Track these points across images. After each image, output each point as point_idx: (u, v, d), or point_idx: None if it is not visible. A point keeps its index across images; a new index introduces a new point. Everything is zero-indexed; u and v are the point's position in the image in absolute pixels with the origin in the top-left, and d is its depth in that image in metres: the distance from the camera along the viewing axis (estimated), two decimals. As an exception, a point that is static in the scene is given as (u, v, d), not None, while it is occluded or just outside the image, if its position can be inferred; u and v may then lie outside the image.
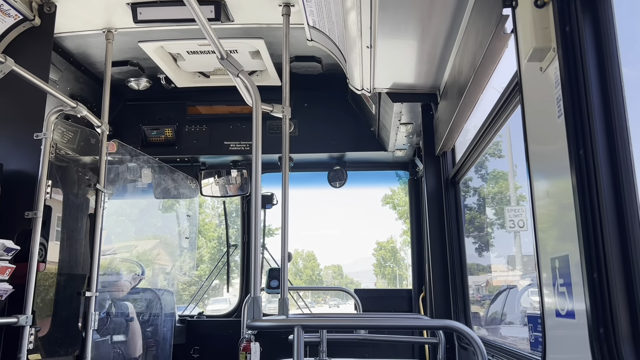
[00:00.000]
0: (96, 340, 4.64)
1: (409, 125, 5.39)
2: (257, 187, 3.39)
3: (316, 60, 5.47)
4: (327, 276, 47.38)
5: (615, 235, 1.75)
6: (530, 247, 3.47)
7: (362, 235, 67.97)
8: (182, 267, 7.14)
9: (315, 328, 4.51)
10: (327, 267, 48.49)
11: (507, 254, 7.10)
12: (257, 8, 4.39)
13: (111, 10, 4.45)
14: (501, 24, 2.68)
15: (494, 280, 6.94)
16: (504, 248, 7.02)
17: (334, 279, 46.99)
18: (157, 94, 6.15)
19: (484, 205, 7.15)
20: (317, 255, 46.80)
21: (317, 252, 47.54)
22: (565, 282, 1.96)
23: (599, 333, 1.73)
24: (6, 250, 3.51)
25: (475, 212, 6.99)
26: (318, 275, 45.61)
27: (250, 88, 3.52)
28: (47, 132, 3.95)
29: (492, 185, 7.36)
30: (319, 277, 45.67)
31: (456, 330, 2.78)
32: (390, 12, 3.40)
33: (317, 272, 45.78)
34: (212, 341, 6.45)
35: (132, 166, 5.69)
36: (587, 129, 1.84)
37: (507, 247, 6.93)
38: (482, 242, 6.98)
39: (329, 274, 47.47)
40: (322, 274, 46.59)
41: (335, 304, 38.21)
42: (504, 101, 3.16)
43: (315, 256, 45.60)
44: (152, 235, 7.13)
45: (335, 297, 38.97)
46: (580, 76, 1.87)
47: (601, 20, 1.87)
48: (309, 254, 44.59)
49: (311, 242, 58.38)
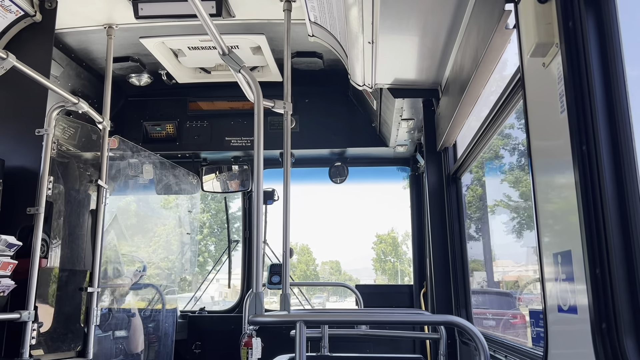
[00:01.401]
0: (98, 336, 4.65)
1: (411, 121, 5.39)
2: (259, 183, 3.39)
3: (317, 56, 5.47)
4: (325, 272, 44.93)
5: (618, 231, 1.75)
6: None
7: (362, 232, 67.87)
8: (183, 264, 7.15)
9: (317, 323, 4.52)
10: (325, 263, 46.56)
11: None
12: (258, 4, 4.38)
13: (112, 6, 4.45)
14: (503, 19, 2.67)
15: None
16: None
17: (332, 275, 44.89)
18: (158, 89, 6.15)
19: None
20: (313, 249, 44.30)
21: (314, 247, 45.64)
22: (567, 278, 1.97)
23: (601, 328, 1.73)
24: (8, 246, 3.52)
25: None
26: (314, 270, 43.23)
27: (252, 84, 3.52)
28: (48, 128, 3.95)
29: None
30: (315, 272, 43.34)
31: (457, 326, 2.79)
32: (392, 7, 3.40)
33: (313, 268, 43.40)
34: (214, 336, 6.46)
35: (134, 162, 5.69)
36: (589, 125, 1.83)
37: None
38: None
39: (327, 270, 45.86)
40: (318, 269, 44.39)
41: (333, 302, 36.64)
42: (506, 97, 3.15)
43: (310, 250, 42.58)
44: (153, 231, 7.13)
45: (334, 295, 38.22)
46: (583, 72, 1.87)
47: (604, 16, 1.86)
48: (304, 248, 42.16)
49: (308, 237, 57.85)
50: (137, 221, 6.74)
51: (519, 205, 6.05)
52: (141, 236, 6.79)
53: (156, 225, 7.10)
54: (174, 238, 7.15)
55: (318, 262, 44.46)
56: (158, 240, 7.10)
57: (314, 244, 49.32)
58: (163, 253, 7.23)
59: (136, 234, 6.69)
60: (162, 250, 7.22)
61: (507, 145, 5.54)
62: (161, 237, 7.10)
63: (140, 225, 6.79)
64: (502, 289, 6.66)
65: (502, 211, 6.33)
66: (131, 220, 6.60)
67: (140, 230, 6.79)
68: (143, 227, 6.85)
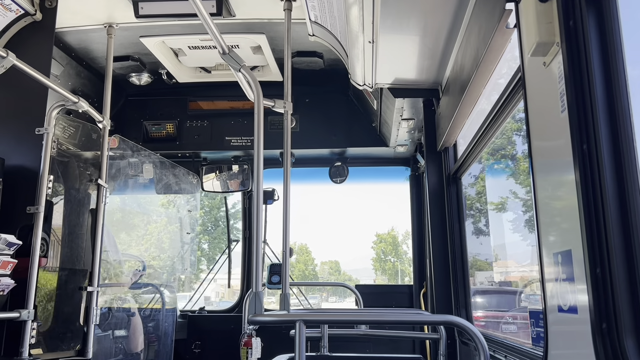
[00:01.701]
0: (98, 335, 4.65)
1: (411, 120, 5.39)
2: (259, 183, 3.38)
3: (318, 55, 5.46)
4: (324, 272, 43.61)
5: (619, 231, 1.75)
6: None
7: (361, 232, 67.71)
8: (183, 263, 7.15)
9: (317, 323, 4.52)
10: (324, 263, 44.33)
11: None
12: (258, 3, 4.38)
13: (112, 5, 4.45)
14: (504, 18, 2.67)
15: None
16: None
17: (331, 275, 43.31)
18: (159, 89, 6.15)
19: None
20: (312, 249, 42.57)
21: (313, 247, 44.71)
22: (567, 277, 1.96)
23: (601, 328, 1.73)
24: (8, 245, 3.51)
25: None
26: (312, 270, 42.17)
27: (252, 83, 3.52)
28: (48, 127, 3.95)
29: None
30: (314, 272, 42.21)
31: (457, 326, 2.78)
32: (392, 7, 3.39)
33: (312, 267, 42.29)
34: (214, 336, 6.46)
35: (134, 161, 5.69)
36: (590, 124, 1.83)
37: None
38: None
39: (326, 270, 43.79)
40: (317, 269, 43.03)
41: (332, 302, 35.04)
42: (507, 96, 3.15)
43: (309, 250, 41.47)
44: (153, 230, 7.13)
45: (333, 295, 37.22)
46: (584, 71, 1.86)
47: (605, 15, 1.86)
48: (302, 247, 40.69)
49: (307, 237, 57.21)
50: (137, 220, 6.74)
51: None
52: (140, 235, 6.78)
53: (156, 224, 7.10)
54: (174, 237, 7.15)
55: (317, 262, 43.57)
56: (155, 240, 7.09)
57: (313, 243, 48.52)
58: (162, 252, 7.23)
59: (135, 233, 6.69)
60: (158, 250, 7.22)
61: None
62: (158, 236, 7.09)
63: (138, 225, 6.79)
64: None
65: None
66: (131, 219, 6.60)
67: (138, 229, 6.78)
68: (142, 226, 6.84)
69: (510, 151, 5.53)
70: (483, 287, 6.11)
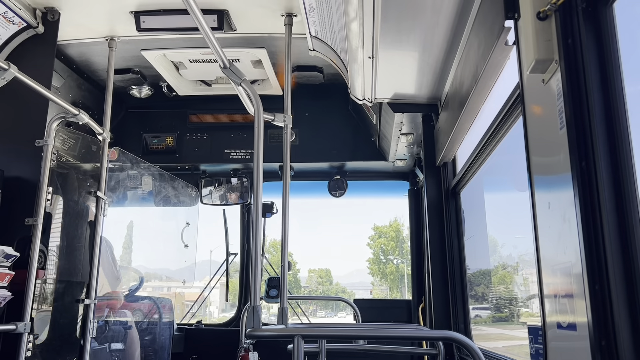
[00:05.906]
0: (94, 348, 4.61)
1: (410, 135, 5.40)
2: (259, 196, 3.38)
3: (318, 69, 5.49)
4: (312, 282, 36.61)
5: (617, 247, 1.75)
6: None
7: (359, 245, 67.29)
8: (181, 276, 7.11)
9: (315, 338, 4.49)
10: (312, 271, 36.71)
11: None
12: (259, 18, 4.41)
13: (114, 19, 4.47)
14: (503, 35, 2.69)
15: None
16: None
17: (319, 285, 36.10)
18: (159, 102, 6.17)
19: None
20: (300, 258, 36.93)
21: (310, 259, 41.41)
22: (566, 294, 1.96)
23: (600, 345, 1.72)
24: (6, 256, 3.50)
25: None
26: (296, 279, 33.24)
27: (252, 97, 3.53)
28: (48, 139, 3.95)
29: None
30: (299, 284, 33.88)
31: (456, 341, 2.77)
32: (392, 23, 3.42)
33: (296, 276, 33.06)
34: (211, 350, 6.42)
35: (133, 174, 5.69)
36: (589, 141, 1.84)
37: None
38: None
39: (314, 279, 36.45)
40: (299, 276, 35.04)
41: (320, 318, 30.29)
42: (506, 112, 3.17)
43: (294, 260, 35.02)
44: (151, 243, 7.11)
45: (322, 309, 31.39)
46: (582, 88, 1.88)
47: (604, 33, 1.88)
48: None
49: (300, 248, 55.48)
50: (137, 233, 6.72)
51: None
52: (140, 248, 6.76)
53: (156, 237, 7.08)
54: (171, 250, 7.12)
55: (302, 270, 36.41)
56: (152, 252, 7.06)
57: (309, 255, 46.05)
58: (160, 264, 7.20)
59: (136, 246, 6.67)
60: (156, 262, 7.19)
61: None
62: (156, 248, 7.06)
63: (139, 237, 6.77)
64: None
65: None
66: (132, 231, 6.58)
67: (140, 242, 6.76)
68: (142, 239, 6.83)
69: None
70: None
